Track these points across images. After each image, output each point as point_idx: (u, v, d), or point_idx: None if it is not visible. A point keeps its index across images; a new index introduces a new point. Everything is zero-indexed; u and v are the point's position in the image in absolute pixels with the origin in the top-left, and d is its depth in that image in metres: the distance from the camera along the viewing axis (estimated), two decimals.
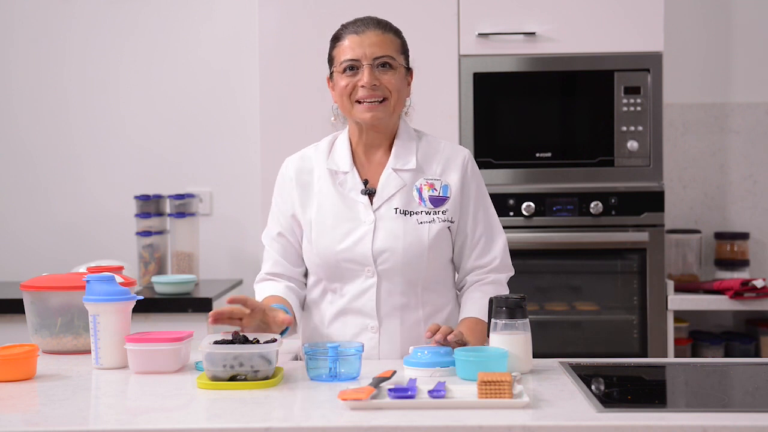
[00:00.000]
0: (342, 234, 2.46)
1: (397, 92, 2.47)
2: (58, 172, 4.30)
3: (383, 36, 2.48)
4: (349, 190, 2.49)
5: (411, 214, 2.47)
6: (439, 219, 2.48)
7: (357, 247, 2.45)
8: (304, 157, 2.57)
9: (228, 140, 4.28)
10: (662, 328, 3.75)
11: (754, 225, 4.22)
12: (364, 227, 2.46)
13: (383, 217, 2.47)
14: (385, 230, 2.46)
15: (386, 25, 2.52)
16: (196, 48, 4.28)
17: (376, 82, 2.44)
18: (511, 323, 2.23)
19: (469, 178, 2.52)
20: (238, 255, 4.28)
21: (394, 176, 2.49)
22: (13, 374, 2.21)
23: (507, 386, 1.93)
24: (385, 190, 2.49)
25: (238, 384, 2.09)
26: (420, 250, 2.45)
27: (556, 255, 3.79)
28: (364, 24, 2.50)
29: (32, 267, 4.13)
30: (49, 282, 2.58)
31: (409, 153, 2.51)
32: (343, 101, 2.48)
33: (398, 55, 2.49)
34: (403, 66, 2.50)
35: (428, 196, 2.49)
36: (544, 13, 3.76)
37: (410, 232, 2.46)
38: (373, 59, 2.45)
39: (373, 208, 2.48)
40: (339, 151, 2.53)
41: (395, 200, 2.48)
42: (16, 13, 4.30)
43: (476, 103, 3.77)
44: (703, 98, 4.23)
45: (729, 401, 2.14)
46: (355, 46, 2.45)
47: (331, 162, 2.52)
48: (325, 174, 2.52)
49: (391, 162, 2.50)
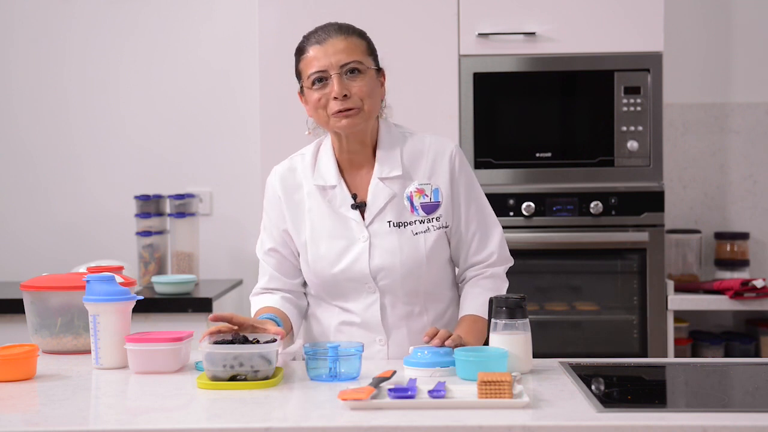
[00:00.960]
0: (337, 254, 2.43)
1: (369, 98, 2.39)
2: (58, 172, 4.30)
3: (346, 41, 2.40)
4: (339, 206, 2.45)
5: (405, 226, 2.44)
6: (434, 227, 2.45)
7: (354, 266, 2.42)
8: (292, 170, 2.51)
9: (228, 140, 4.28)
10: (662, 328, 3.75)
11: (754, 225, 4.22)
12: (359, 245, 2.43)
13: (377, 233, 2.43)
14: (381, 247, 2.42)
15: (348, 29, 2.44)
16: (196, 48, 4.28)
17: (346, 92, 2.36)
18: (511, 323, 2.23)
19: (458, 174, 2.47)
20: (238, 255, 4.28)
21: (382, 186, 2.44)
22: (13, 374, 2.21)
23: (507, 386, 1.93)
24: (375, 202, 2.44)
25: (238, 384, 2.09)
26: (418, 262, 2.43)
27: (556, 255, 3.79)
28: (325, 32, 2.42)
29: (32, 267, 4.13)
30: (49, 282, 2.58)
31: (393, 159, 2.46)
32: (318, 114, 2.42)
33: (365, 57, 2.41)
34: (372, 68, 2.43)
35: (420, 203, 2.44)
36: (544, 13, 3.76)
37: (406, 245, 2.42)
38: (340, 67, 2.37)
39: (365, 223, 2.44)
40: (324, 164, 2.48)
41: (387, 212, 2.44)
42: (16, 13, 4.30)
43: (476, 103, 3.76)
44: (703, 98, 4.23)
45: (729, 401, 2.14)
46: (320, 56, 2.38)
47: (317, 177, 2.47)
48: (313, 190, 2.47)
49: (376, 171, 2.45)
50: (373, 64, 2.44)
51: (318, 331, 2.54)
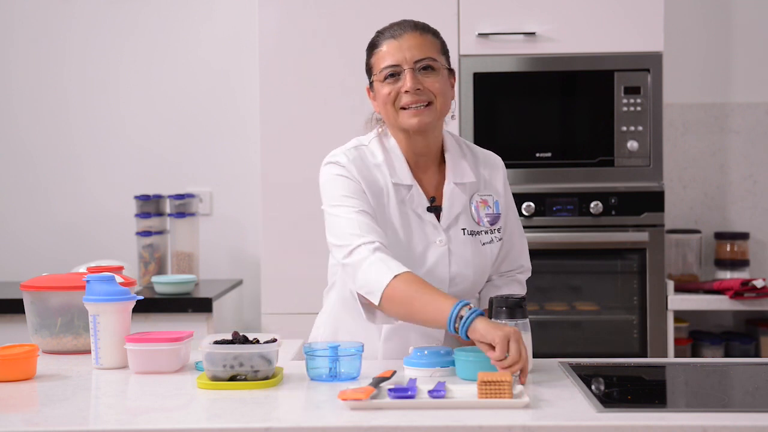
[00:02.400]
0: (418, 256, 2.36)
1: (441, 95, 2.35)
2: (58, 172, 4.30)
3: (422, 38, 2.37)
4: (416, 207, 2.38)
5: (476, 235, 2.42)
6: (497, 238, 2.44)
7: (436, 270, 2.37)
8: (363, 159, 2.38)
9: (228, 140, 4.28)
10: (662, 328, 3.75)
11: (754, 225, 4.22)
12: (437, 249, 2.37)
13: (454, 239, 2.39)
14: (458, 254, 2.39)
15: (424, 26, 2.40)
16: (196, 48, 4.28)
17: (419, 86, 2.32)
18: (511, 323, 2.23)
19: (507, 188, 2.49)
20: (238, 255, 4.28)
21: (458, 191, 2.40)
22: (13, 374, 2.21)
23: (507, 386, 1.93)
24: (452, 208, 2.40)
25: (238, 384, 2.09)
26: (485, 271, 2.44)
27: (556, 255, 3.79)
28: (401, 27, 2.38)
29: (32, 267, 4.13)
30: (49, 282, 2.58)
31: (462, 164, 2.43)
32: (387, 110, 2.36)
33: (439, 56, 2.37)
34: (444, 67, 2.39)
35: (485, 214, 2.43)
36: (544, 13, 3.76)
37: (478, 255, 2.41)
38: (414, 62, 2.33)
39: (442, 227, 2.39)
40: (397, 162, 2.39)
41: (462, 219, 2.41)
42: (16, 13, 4.30)
43: (476, 103, 3.77)
44: (703, 98, 4.23)
45: (729, 401, 2.14)
46: (394, 51, 2.34)
47: (393, 174, 2.37)
48: (389, 187, 2.37)
49: (449, 176, 2.41)
50: (445, 63, 2.40)
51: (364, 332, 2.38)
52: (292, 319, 3.73)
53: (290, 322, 3.68)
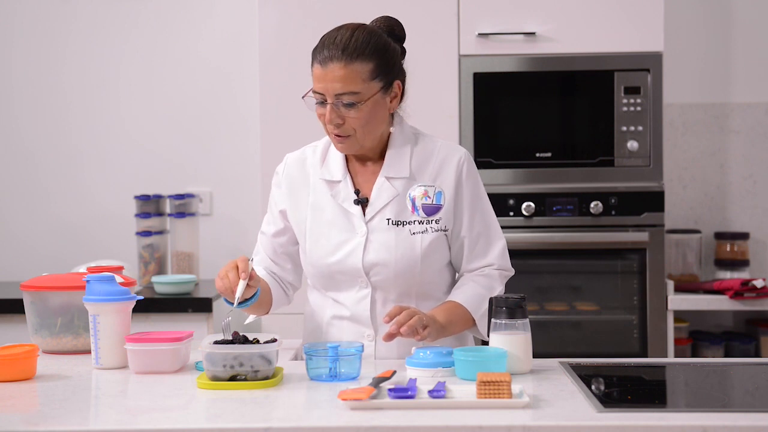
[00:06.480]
0: (334, 246, 2.45)
1: (362, 128, 2.36)
2: (58, 172, 4.30)
3: (347, 69, 2.33)
4: (342, 200, 2.46)
5: (403, 224, 2.44)
6: (432, 229, 2.44)
7: (348, 259, 2.43)
8: (303, 160, 2.54)
9: (228, 140, 4.28)
10: (662, 328, 3.75)
11: (754, 225, 4.22)
12: (356, 239, 2.44)
13: (375, 229, 2.44)
14: (377, 242, 2.43)
15: (354, 51, 2.34)
16: (196, 48, 4.28)
17: (339, 121, 2.35)
18: (511, 323, 2.23)
19: (464, 180, 2.47)
20: (238, 255, 4.23)
21: (387, 185, 2.45)
22: (13, 374, 2.21)
23: (506, 386, 1.93)
24: (377, 200, 2.45)
25: (238, 384, 2.10)
26: (412, 262, 2.43)
27: (556, 255, 3.79)
28: (329, 52, 2.34)
29: (32, 267, 4.13)
30: (49, 282, 2.58)
31: (402, 160, 2.46)
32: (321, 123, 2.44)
33: (366, 84, 2.34)
34: (375, 92, 2.36)
35: (421, 204, 2.44)
36: (544, 13, 3.76)
37: (402, 243, 2.43)
38: (335, 96, 2.34)
39: (365, 218, 2.45)
40: (333, 158, 2.50)
41: (387, 210, 2.44)
42: (16, 13, 4.30)
43: (476, 103, 3.77)
44: (703, 98, 4.23)
45: (729, 401, 2.14)
46: (320, 78, 2.35)
47: (325, 171, 2.49)
48: (319, 183, 2.49)
49: (383, 170, 2.46)
50: (379, 84, 2.37)
51: (312, 325, 2.54)
52: (292, 319, 3.72)
53: (290, 322, 3.67)
